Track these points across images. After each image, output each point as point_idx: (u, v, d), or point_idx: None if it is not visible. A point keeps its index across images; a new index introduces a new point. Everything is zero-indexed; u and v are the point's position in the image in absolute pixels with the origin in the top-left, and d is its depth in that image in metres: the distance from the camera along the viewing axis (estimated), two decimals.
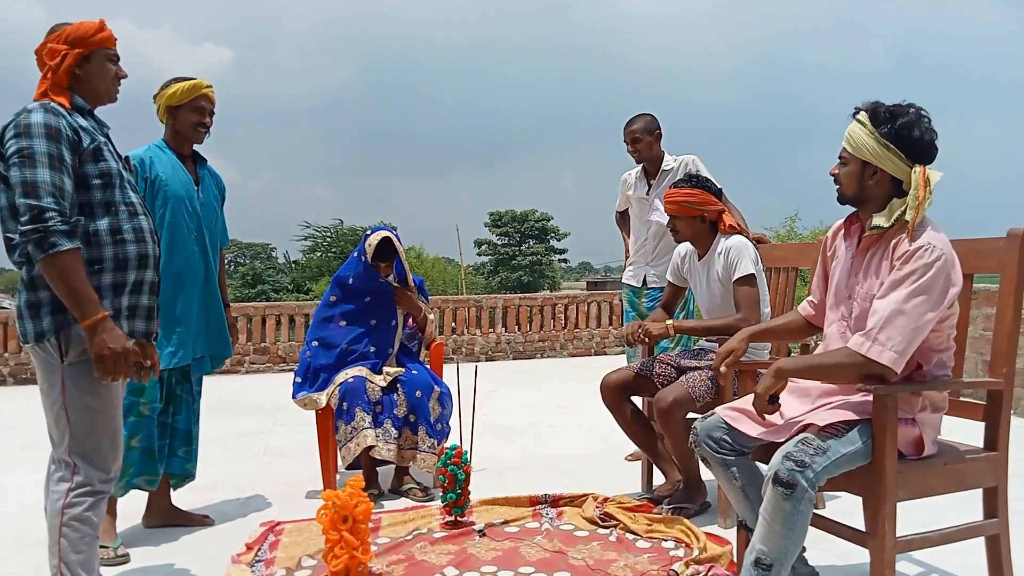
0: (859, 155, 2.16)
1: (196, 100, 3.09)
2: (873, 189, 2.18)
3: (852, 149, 2.18)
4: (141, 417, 2.98)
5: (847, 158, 2.21)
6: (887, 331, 2.04)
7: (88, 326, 2.02)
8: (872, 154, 2.13)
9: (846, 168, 2.21)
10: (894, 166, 2.13)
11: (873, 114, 2.14)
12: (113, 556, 2.81)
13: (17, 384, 7.58)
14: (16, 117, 2.07)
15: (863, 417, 2.10)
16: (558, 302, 9.38)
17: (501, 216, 50.10)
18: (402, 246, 3.77)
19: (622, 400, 3.35)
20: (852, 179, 2.20)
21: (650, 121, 4.11)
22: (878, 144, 2.12)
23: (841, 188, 2.25)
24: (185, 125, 3.10)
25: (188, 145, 3.16)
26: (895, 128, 2.10)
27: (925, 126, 2.12)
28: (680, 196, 3.24)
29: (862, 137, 2.15)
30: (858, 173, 2.18)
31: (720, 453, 2.34)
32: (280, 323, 8.57)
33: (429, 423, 3.54)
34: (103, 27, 2.25)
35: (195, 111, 3.10)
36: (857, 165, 2.18)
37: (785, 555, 2.05)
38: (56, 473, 2.14)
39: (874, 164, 2.15)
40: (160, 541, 3.02)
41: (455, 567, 2.67)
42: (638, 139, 4.08)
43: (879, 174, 2.16)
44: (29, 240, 1.98)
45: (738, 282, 3.14)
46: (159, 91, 3.10)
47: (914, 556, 2.70)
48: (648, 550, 2.81)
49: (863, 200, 2.22)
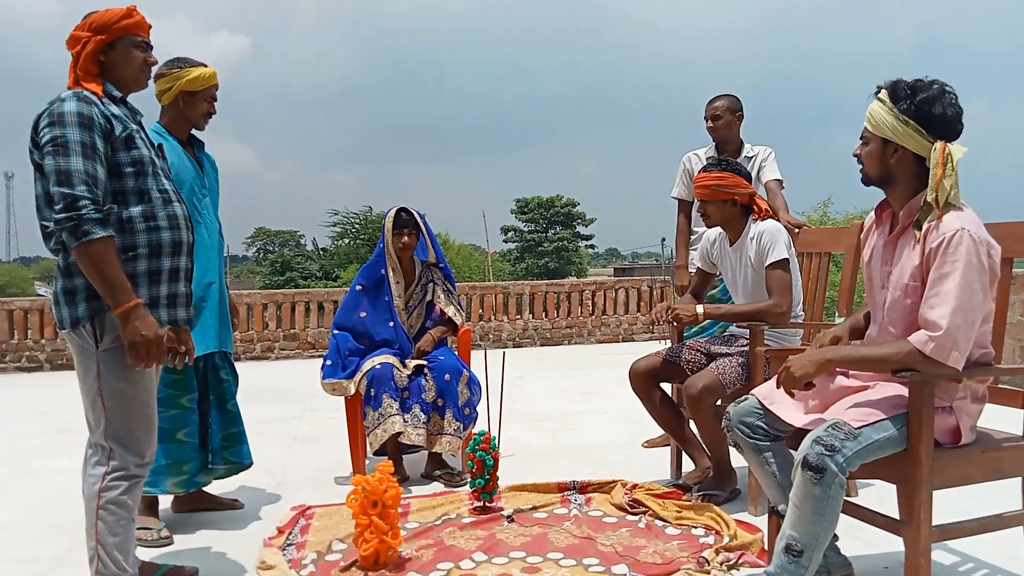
0: (879, 133, 2.12)
1: (211, 89, 3.02)
2: (896, 168, 2.14)
3: (872, 127, 2.14)
4: (183, 410, 2.95)
5: (868, 137, 2.17)
6: (950, 332, 1.98)
7: (121, 313, 2.04)
8: (892, 131, 2.09)
9: (868, 148, 2.17)
10: (915, 142, 2.08)
11: (893, 91, 2.11)
12: (157, 538, 2.85)
13: (54, 370, 7.73)
14: (50, 106, 2.09)
15: (899, 412, 2.06)
16: (585, 288, 9.35)
17: (527, 202, 50.02)
18: (424, 223, 3.74)
19: (651, 387, 3.33)
20: (874, 158, 2.16)
21: (734, 101, 4.01)
22: (897, 120, 2.08)
23: (864, 168, 2.21)
24: (197, 113, 3.00)
25: (187, 131, 3.05)
26: (915, 103, 2.06)
27: (948, 101, 2.06)
28: (711, 180, 3.19)
29: (882, 115, 2.11)
30: (880, 152, 2.14)
31: (753, 439, 2.32)
32: (309, 310, 8.64)
33: (457, 407, 3.54)
34: (131, 13, 2.24)
35: (208, 100, 3.02)
36: (878, 144, 2.14)
37: (816, 541, 2.03)
38: (93, 457, 2.18)
39: (895, 142, 2.10)
40: (193, 525, 3.07)
41: (484, 552, 2.68)
42: (719, 116, 3.98)
43: (900, 152, 2.11)
44: (63, 228, 2.00)
45: (771, 267, 3.10)
46: (168, 72, 2.95)
47: (950, 545, 2.66)
48: (677, 537, 2.79)
49: (888, 180, 2.17)
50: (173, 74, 2.95)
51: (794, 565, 2.04)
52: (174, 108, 3.00)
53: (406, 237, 3.68)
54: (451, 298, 3.88)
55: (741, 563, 2.53)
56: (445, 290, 3.88)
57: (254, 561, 2.67)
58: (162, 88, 2.97)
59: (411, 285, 3.84)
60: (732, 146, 4.04)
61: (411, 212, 3.69)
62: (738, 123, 4.02)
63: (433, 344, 3.76)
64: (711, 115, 4.02)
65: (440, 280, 3.89)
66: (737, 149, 4.04)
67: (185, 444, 2.96)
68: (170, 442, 2.91)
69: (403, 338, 3.73)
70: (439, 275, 3.89)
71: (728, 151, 4.03)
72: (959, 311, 1.98)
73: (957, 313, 1.97)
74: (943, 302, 1.99)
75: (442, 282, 3.88)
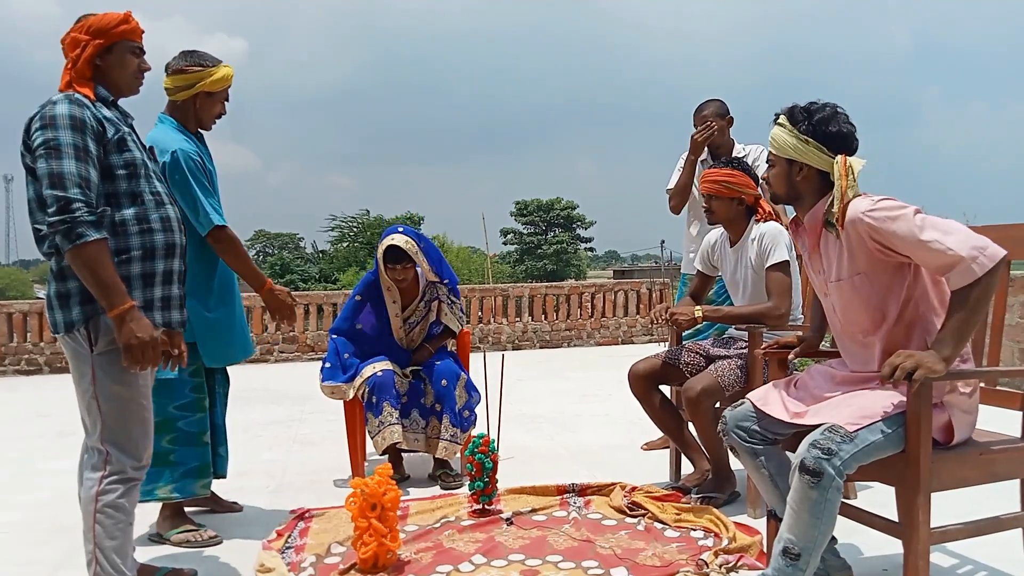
0: (783, 155, 2.26)
1: (227, 90, 2.98)
2: (802, 185, 2.27)
3: (776, 150, 2.28)
4: (205, 413, 2.95)
5: (773, 160, 2.31)
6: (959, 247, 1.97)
7: (116, 316, 2.04)
8: (795, 151, 2.24)
9: (774, 170, 2.32)
10: (817, 159, 2.21)
11: (791, 115, 2.26)
12: (207, 538, 2.87)
13: (52, 373, 7.73)
14: (41, 109, 2.08)
15: (894, 414, 2.07)
16: (585, 291, 9.35)
17: (527, 205, 50.05)
18: (420, 243, 3.54)
19: (650, 389, 3.33)
20: (781, 179, 2.31)
21: (720, 106, 4.00)
22: (799, 140, 2.23)
23: (772, 189, 2.35)
24: (210, 114, 2.95)
25: (196, 128, 2.97)
26: (812, 123, 2.22)
27: (842, 120, 2.21)
28: (720, 176, 3.19)
29: (784, 137, 2.25)
30: (786, 172, 2.29)
31: (749, 442, 2.32)
32: (308, 312, 8.63)
33: (454, 412, 3.53)
34: (128, 19, 2.24)
35: (223, 102, 2.99)
36: (783, 165, 2.29)
37: (813, 544, 2.03)
38: (89, 461, 2.18)
39: (799, 160, 2.24)
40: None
41: (483, 555, 2.68)
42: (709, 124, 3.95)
43: (805, 169, 2.25)
44: (56, 231, 2.00)
45: (771, 268, 3.10)
46: (188, 68, 2.85)
47: (948, 548, 2.65)
48: (677, 539, 2.79)
49: (795, 197, 2.31)
50: (195, 72, 2.85)
51: (792, 568, 2.04)
52: (188, 106, 2.90)
53: (399, 274, 3.59)
54: (453, 309, 3.81)
55: (740, 565, 2.53)
56: (449, 303, 3.81)
57: (253, 564, 2.66)
58: (179, 84, 2.85)
59: (413, 302, 3.77)
60: (724, 149, 4.04)
61: (402, 249, 3.49)
62: (728, 127, 4.02)
63: (429, 355, 3.72)
64: (701, 124, 3.98)
65: (445, 295, 3.80)
66: (729, 151, 4.04)
67: (207, 447, 2.97)
68: (198, 445, 2.92)
69: (399, 353, 3.71)
70: (443, 290, 3.79)
71: (721, 154, 4.02)
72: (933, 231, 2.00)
73: (934, 232, 1.99)
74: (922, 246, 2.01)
75: (446, 296, 3.80)
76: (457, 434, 3.53)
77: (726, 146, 4.04)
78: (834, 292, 2.27)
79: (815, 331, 2.65)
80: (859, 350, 2.28)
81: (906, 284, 2.15)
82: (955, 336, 2.00)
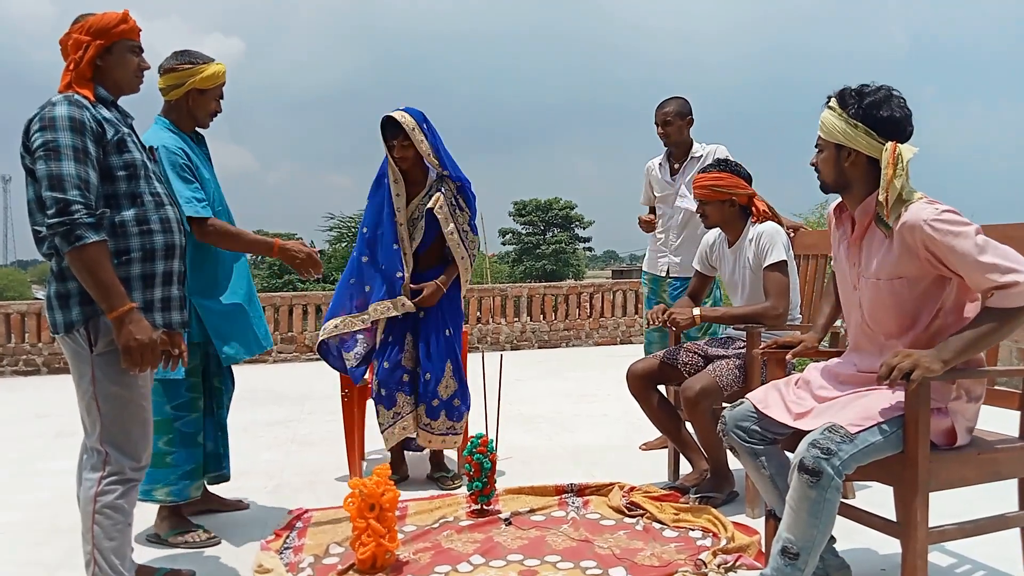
0: (832, 139, 2.19)
1: (220, 87, 2.95)
2: (851, 171, 2.19)
3: (825, 134, 2.21)
4: (200, 413, 2.94)
5: (822, 144, 2.24)
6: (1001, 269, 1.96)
7: (115, 318, 2.04)
8: (844, 135, 2.15)
9: (822, 155, 2.24)
10: (866, 144, 2.13)
11: (841, 97, 2.18)
12: (206, 539, 2.87)
13: (51, 373, 7.71)
14: (41, 110, 2.08)
15: (895, 415, 2.07)
16: (583, 291, 9.35)
17: (525, 205, 50.03)
18: (423, 125, 3.32)
19: (648, 389, 3.33)
20: (829, 164, 2.23)
21: (683, 104, 4.00)
22: (847, 124, 2.14)
23: (821, 175, 2.27)
24: (204, 111, 2.92)
25: (192, 128, 2.97)
26: (862, 107, 2.13)
27: (896, 104, 2.13)
28: (709, 180, 3.20)
29: (832, 121, 2.17)
30: (834, 157, 2.21)
31: (748, 442, 2.32)
32: (307, 313, 8.62)
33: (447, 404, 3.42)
34: (126, 18, 2.25)
35: (217, 99, 2.96)
36: (832, 150, 2.21)
37: (812, 544, 2.03)
38: (88, 461, 2.18)
39: (847, 146, 2.16)
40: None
41: (481, 555, 2.68)
42: (669, 122, 3.97)
43: (853, 155, 2.17)
44: (56, 233, 2.00)
45: (769, 268, 3.10)
46: (179, 66, 2.85)
47: (947, 547, 2.66)
48: (675, 539, 2.79)
49: (844, 184, 2.23)
50: (185, 70, 2.85)
51: (790, 568, 2.04)
52: (182, 105, 2.89)
53: (397, 152, 3.32)
54: (456, 220, 3.43)
55: (738, 565, 2.53)
56: (452, 204, 3.44)
57: (251, 564, 2.66)
58: (170, 83, 2.86)
59: (418, 196, 3.43)
60: (681, 149, 4.04)
61: (397, 122, 3.28)
62: (687, 127, 4.01)
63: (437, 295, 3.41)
64: (661, 120, 3.99)
65: (450, 192, 3.44)
66: (686, 151, 4.04)
67: (201, 448, 2.96)
68: (194, 446, 2.92)
69: (397, 263, 3.38)
70: (450, 187, 3.45)
71: (678, 154, 4.05)
72: (994, 254, 1.98)
73: (995, 256, 1.98)
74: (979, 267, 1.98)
75: (451, 195, 3.44)
76: (454, 428, 3.46)
77: (683, 146, 4.04)
78: (867, 289, 2.22)
79: (819, 330, 2.61)
80: (874, 351, 2.25)
81: (943, 295, 2.12)
82: (966, 345, 2.00)
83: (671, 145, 4.06)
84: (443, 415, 3.45)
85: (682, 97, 4.05)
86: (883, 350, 2.21)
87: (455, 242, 3.44)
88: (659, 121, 4.01)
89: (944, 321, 2.14)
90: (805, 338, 2.60)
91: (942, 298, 2.13)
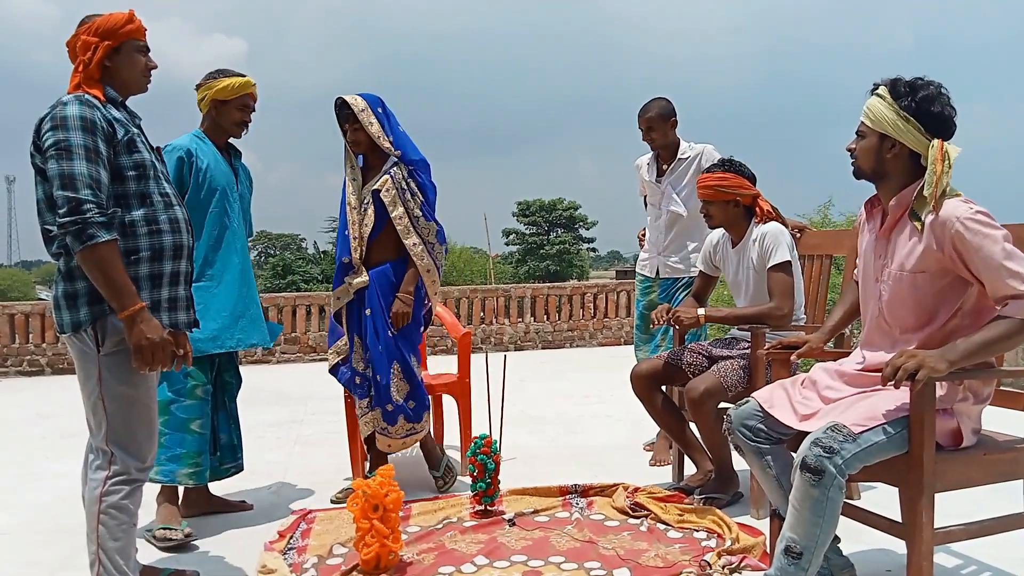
0: (878, 128, 2.15)
1: (244, 98, 3.13)
2: (891, 163, 2.17)
3: (871, 122, 2.16)
4: (198, 400, 3.00)
5: (865, 131, 2.19)
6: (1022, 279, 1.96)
7: (126, 317, 2.05)
8: (892, 127, 2.12)
9: (864, 142, 2.20)
10: (914, 139, 2.11)
11: (893, 88, 2.14)
12: (181, 537, 2.86)
13: (55, 374, 7.73)
14: (52, 110, 2.09)
15: (899, 416, 2.06)
16: (587, 291, 9.34)
17: (529, 205, 50.05)
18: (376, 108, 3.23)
19: (653, 390, 3.33)
20: (870, 153, 2.19)
21: (665, 106, 3.91)
22: (898, 117, 2.11)
23: (858, 162, 2.23)
24: (229, 121, 3.13)
25: (225, 138, 3.19)
26: (916, 101, 2.10)
27: (945, 101, 2.11)
28: (712, 180, 3.20)
29: (882, 110, 2.14)
30: (876, 147, 2.17)
31: (755, 441, 2.31)
32: (310, 313, 8.63)
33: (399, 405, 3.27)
34: (132, 18, 2.25)
35: (241, 109, 3.14)
36: (875, 139, 2.17)
37: (815, 543, 2.02)
38: (94, 462, 2.18)
39: (893, 137, 2.13)
40: (194, 528, 3.06)
41: (485, 556, 2.67)
42: (653, 127, 3.89)
43: (897, 147, 2.14)
44: (67, 232, 2.01)
45: (773, 269, 3.09)
46: (205, 81, 3.11)
47: (952, 548, 2.65)
48: (680, 540, 2.79)
49: (880, 175, 2.20)
50: (208, 84, 3.10)
51: (794, 567, 2.04)
52: (208, 115, 3.14)
53: (349, 137, 3.26)
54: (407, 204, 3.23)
55: (743, 566, 2.52)
56: (402, 188, 3.24)
57: (255, 565, 2.66)
58: (199, 96, 3.13)
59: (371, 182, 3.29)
60: (668, 151, 3.98)
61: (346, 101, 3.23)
62: (672, 129, 3.92)
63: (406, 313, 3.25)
64: (645, 127, 3.91)
65: (400, 176, 3.24)
66: (673, 152, 3.97)
67: (199, 436, 3.00)
68: (186, 432, 2.97)
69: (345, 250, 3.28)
70: (402, 169, 3.26)
71: (665, 156, 3.99)
72: (1019, 263, 1.98)
73: (1019, 265, 1.97)
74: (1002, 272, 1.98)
75: (402, 178, 3.24)
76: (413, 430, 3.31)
77: (670, 147, 3.97)
78: (889, 281, 2.20)
79: (826, 332, 2.57)
80: (885, 346, 2.23)
81: (965, 295, 2.11)
82: (973, 349, 1.99)
83: (657, 148, 3.99)
84: (401, 419, 3.30)
85: (664, 98, 3.95)
86: (895, 346, 2.20)
87: (403, 227, 3.23)
88: (643, 127, 3.93)
89: (961, 322, 2.13)
90: (810, 339, 2.58)
91: (963, 298, 2.12)
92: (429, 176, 3.34)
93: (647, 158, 4.14)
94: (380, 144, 3.23)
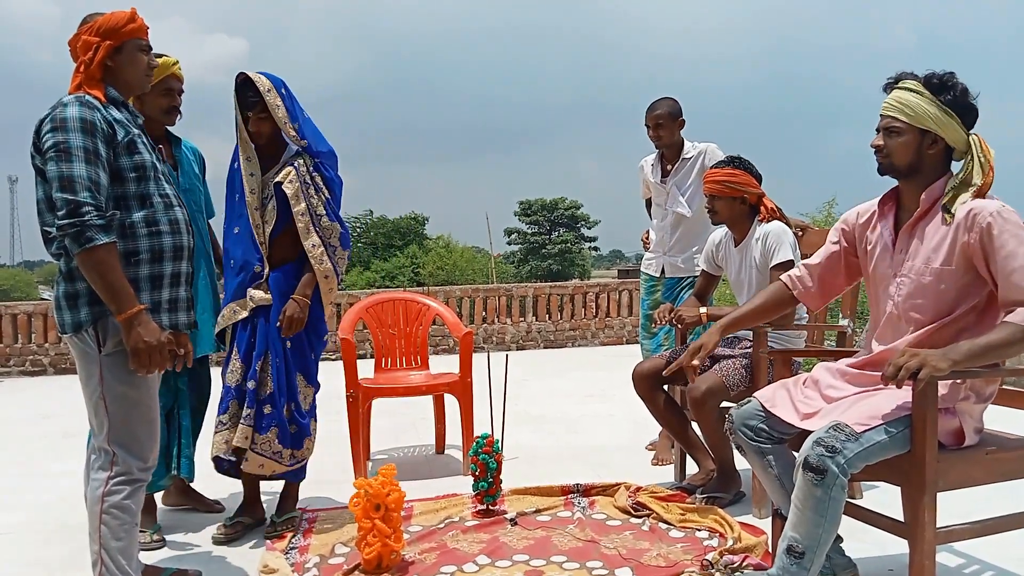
0: (919, 124, 2.13)
1: (165, 81, 2.83)
2: (930, 158, 2.16)
3: (910, 118, 2.13)
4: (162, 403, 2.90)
5: (902, 128, 2.15)
6: None
7: (124, 319, 2.04)
8: (935, 122, 2.11)
9: (901, 138, 2.16)
10: (955, 133, 2.12)
11: (928, 82, 2.13)
12: (149, 541, 2.85)
13: (57, 374, 7.73)
14: (52, 111, 2.09)
15: (901, 415, 2.06)
16: (589, 291, 9.34)
17: (531, 205, 50.07)
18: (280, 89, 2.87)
19: (654, 389, 3.33)
20: (908, 149, 2.16)
21: (673, 106, 3.92)
22: (940, 111, 2.11)
23: (891, 159, 2.18)
24: (156, 111, 2.85)
25: (159, 131, 2.91)
26: (957, 95, 2.10)
27: (971, 96, 2.14)
28: (721, 175, 3.19)
29: (923, 106, 2.12)
30: (917, 142, 2.15)
31: (756, 441, 2.31)
32: None
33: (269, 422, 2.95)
34: (134, 17, 2.24)
35: (165, 94, 2.86)
36: (915, 135, 2.14)
37: (817, 543, 2.02)
38: (96, 462, 2.18)
39: (935, 132, 2.12)
40: (195, 527, 3.07)
41: (487, 555, 2.67)
42: (661, 124, 3.88)
43: (939, 142, 2.14)
44: (66, 234, 2.00)
45: (775, 268, 3.09)
46: None
47: (955, 547, 2.65)
48: (681, 540, 2.79)
49: (916, 170, 2.18)
50: None
51: (796, 567, 2.04)
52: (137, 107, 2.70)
53: (252, 125, 2.87)
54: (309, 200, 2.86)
55: (745, 566, 2.52)
56: (306, 182, 2.87)
57: (257, 564, 2.66)
58: None
59: (271, 171, 2.93)
60: (673, 151, 3.98)
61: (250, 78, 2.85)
62: (679, 128, 3.92)
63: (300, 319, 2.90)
64: (653, 124, 3.90)
65: (305, 169, 2.88)
66: (678, 152, 3.97)
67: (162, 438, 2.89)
68: None
69: (250, 251, 2.89)
70: (306, 161, 2.90)
71: (670, 156, 3.99)
72: None
73: None
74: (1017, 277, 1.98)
75: (306, 171, 2.88)
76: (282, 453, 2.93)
77: (676, 147, 3.97)
78: (910, 275, 2.18)
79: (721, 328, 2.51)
80: (896, 340, 2.22)
81: (983, 292, 2.11)
82: (976, 351, 1.98)
83: (663, 147, 3.99)
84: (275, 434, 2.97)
85: (671, 98, 3.96)
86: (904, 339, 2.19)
87: (303, 225, 2.85)
88: (650, 124, 3.92)
89: (973, 319, 2.13)
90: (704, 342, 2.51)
91: (982, 295, 2.11)
92: (336, 170, 2.99)
93: (651, 159, 4.13)
94: (285, 131, 2.87)
